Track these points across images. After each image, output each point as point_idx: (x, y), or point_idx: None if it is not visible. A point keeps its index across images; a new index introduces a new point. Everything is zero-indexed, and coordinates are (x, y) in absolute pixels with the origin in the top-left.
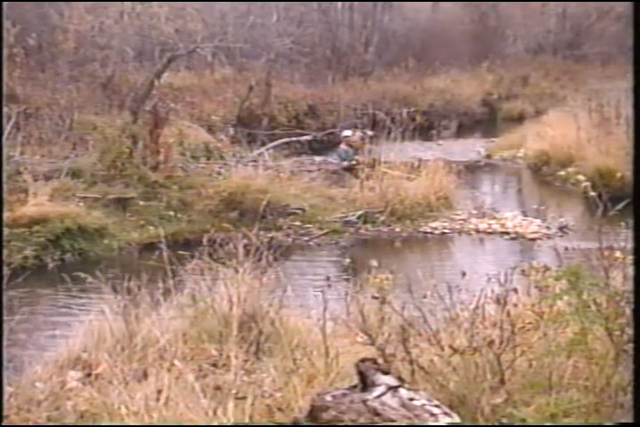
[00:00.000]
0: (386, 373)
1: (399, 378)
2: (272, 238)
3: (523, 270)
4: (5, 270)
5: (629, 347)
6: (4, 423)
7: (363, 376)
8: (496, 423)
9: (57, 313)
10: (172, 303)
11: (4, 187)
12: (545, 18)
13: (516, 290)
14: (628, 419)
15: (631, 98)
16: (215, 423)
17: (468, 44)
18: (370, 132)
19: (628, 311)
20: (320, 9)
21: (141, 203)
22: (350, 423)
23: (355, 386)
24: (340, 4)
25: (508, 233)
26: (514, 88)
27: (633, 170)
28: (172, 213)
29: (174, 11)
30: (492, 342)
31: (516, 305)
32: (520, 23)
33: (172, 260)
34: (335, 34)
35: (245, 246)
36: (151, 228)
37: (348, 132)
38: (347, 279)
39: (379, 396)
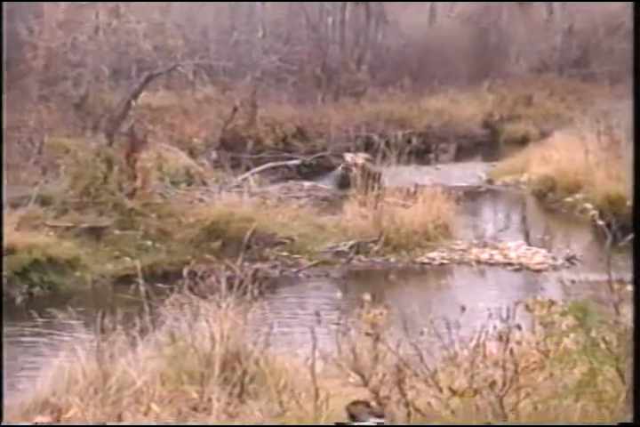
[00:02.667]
0: (379, 416)
1: (393, 422)
2: (258, 270)
3: (526, 305)
4: None
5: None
6: (3, 423)
7: (354, 420)
8: (495, 424)
9: (24, 352)
10: (150, 342)
11: None
12: (550, 34)
13: (519, 326)
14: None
15: (631, 100)
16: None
17: (468, 61)
18: (364, 157)
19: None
20: (309, 25)
21: (117, 232)
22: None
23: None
24: (330, 19)
25: (511, 264)
26: (517, 109)
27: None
28: (149, 242)
29: (153, 26)
30: (493, 383)
31: (519, 343)
32: (523, 40)
33: (150, 294)
34: (325, 51)
35: (229, 279)
36: (127, 259)
37: (349, 156)
38: (338, 315)
39: None
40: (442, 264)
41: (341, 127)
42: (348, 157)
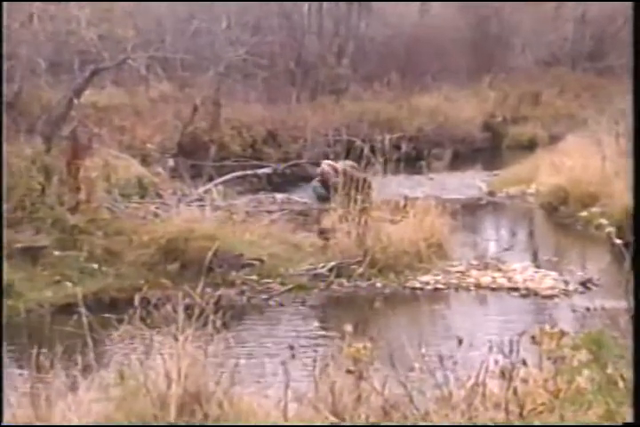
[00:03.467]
0: None
1: None
2: (221, 297)
3: (533, 337)
4: None
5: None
6: (3, 423)
7: None
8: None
9: None
10: (94, 381)
11: None
12: (560, 23)
13: (524, 362)
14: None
15: (631, 99)
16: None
17: (466, 54)
18: (344, 165)
19: None
20: (281, 12)
21: (56, 253)
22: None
23: None
24: (306, 6)
25: (516, 289)
26: (522, 108)
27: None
28: (94, 265)
29: (98, 13)
30: None
31: (524, 381)
32: (529, 30)
33: (95, 325)
34: (300, 42)
35: (187, 308)
36: (69, 284)
37: (325, 163)
38: (315, 349)
39: None
40: (436, 289)
41: (319, 130)
42: (325, 164)
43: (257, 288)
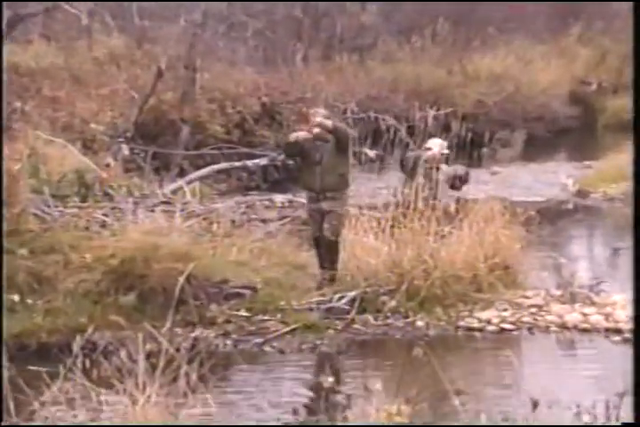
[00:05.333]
0: None
1: None
2: (198, 341)
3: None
4: None
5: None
6: (3, 423)
7: None
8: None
9: None
10: None
11: None
12: None
13: None
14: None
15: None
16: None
17: None
18: (371, 152)
19: None
20: None
21: None
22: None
23: None
24: None
25: (618, 331)
26: (627, 72)
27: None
28: (15, 297)
29: None
30: None
31: None
32: None
33: (17, 381)
34: None
35: (150, 356)
36: None
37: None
38: (329, 414)
39: None
40: (502, 331)
41: (335, 104)
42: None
43: (247, 328)
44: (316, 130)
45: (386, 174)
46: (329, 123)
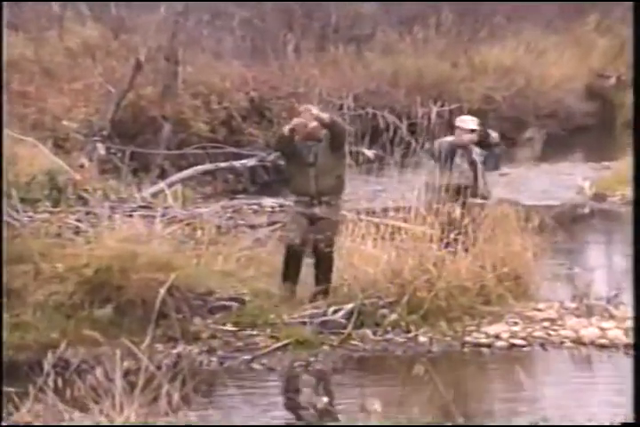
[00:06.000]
0: None
1: None
2: (181, 358)
3: None
4: None
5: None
6: (3, 423)
7: None
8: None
9: None
10: None
11: None
12: None
13: None
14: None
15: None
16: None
17: None
18: (369, 152)
19: None
20: None
21: None
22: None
23: None
24: None
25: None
26: None
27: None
28: None
29: None
30: None
31: None
32: None
33: None
34: None
35: (129, 374)
36: None
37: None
38: None
39: None
40: (512, 346)
41: (330, 99)
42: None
43: (234, 344)
44: (313, 123)
45: (385, 176)
46: (326, 116)
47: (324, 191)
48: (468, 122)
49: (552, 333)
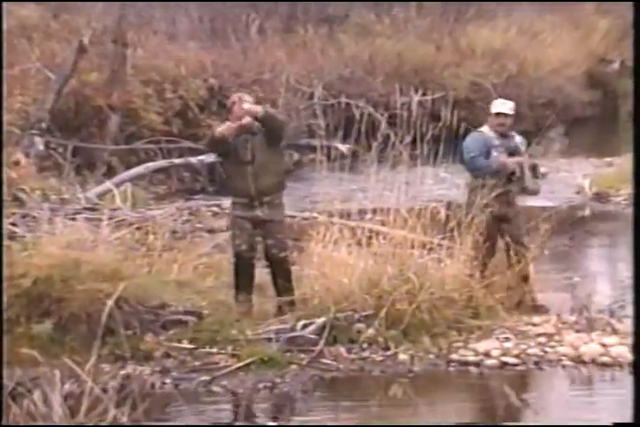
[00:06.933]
0: None
1: None
2: (130, 379)
3: None
4: None
5: None
6: (3, 423)
7: None
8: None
9: None
10: None
11: None
12: None
13: None
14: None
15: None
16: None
17: None
18: (342, 146)
19: None
20: None
21: None
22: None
23: None
24: None
25: None
26: None
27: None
28: None
29: None
30: None
31: None
32: None
33: None
34: None
35: (69, 397)
36: None
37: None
38: None
39: None
40: (503, 365)
41: (299, 86)
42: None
43: (191, 363)
44: (246, 120)
45: (361, 173)
46: (258, 109)
47: (265, 191)
48: (504, 106)
49: (548, 350)
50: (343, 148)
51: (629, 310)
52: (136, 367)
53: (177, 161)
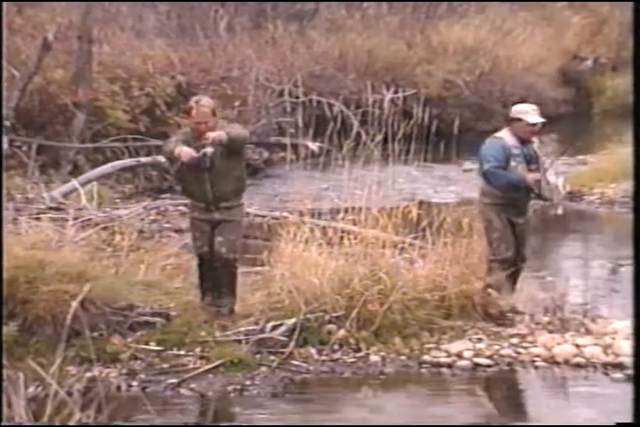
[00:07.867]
0: None
1: None
2: (96, 382)
3: None
4: None
5: None
6: (3, 423)
7: None
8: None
9: None
10: None
11: None
12: None
13: None
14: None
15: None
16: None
17: None
18: (313, 145)
19: None
20: None
21: None
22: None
23: None
24: None
25: (619, 366)
26: (629, 45)
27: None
28: None
29: None
30: None
31: None
32: None
33: None
34: None
35: (34, 400)
36: None
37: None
38: None
39: None
40: (476, 367)
41: (268, 84)
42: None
43: (158, 366)
44: (209, 149)
45: (332, 172)
46: (222, 136)
47: (223, 197)
48: (536, 114)
49: (521, 351)
50: (314, 146)
51: (603, 311)
52: (102, 370)
53: (144, 159)
